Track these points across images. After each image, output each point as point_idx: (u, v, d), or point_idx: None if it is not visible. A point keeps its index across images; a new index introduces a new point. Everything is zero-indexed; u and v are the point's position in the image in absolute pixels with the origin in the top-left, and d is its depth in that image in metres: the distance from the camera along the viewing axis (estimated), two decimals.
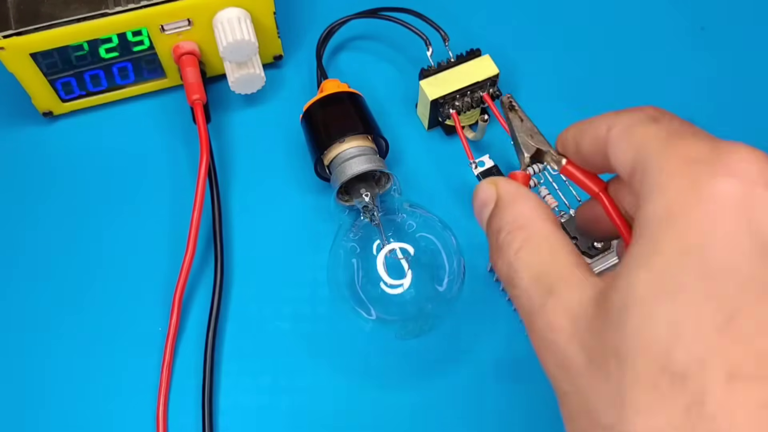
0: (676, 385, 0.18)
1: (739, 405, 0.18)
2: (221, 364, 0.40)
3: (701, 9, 0.50)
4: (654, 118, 0.22)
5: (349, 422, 0.38)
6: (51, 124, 0.47)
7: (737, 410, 0.18)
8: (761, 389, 0.18)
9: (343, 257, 0.39)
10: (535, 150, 0.29)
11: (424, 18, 0.44)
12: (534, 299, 0.23)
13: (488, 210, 0.26)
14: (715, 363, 0.18)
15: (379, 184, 0.42)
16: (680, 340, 0.18)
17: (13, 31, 0.40)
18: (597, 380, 0.20)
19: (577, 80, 0.48)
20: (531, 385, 0.39)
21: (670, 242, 0.19)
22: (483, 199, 0.27)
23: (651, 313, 0.19)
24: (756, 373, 0.18)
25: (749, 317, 0.18)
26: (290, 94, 0.47)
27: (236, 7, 0.42)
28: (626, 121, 0.23)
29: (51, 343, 0.40)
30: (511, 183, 0.26)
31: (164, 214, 0.44)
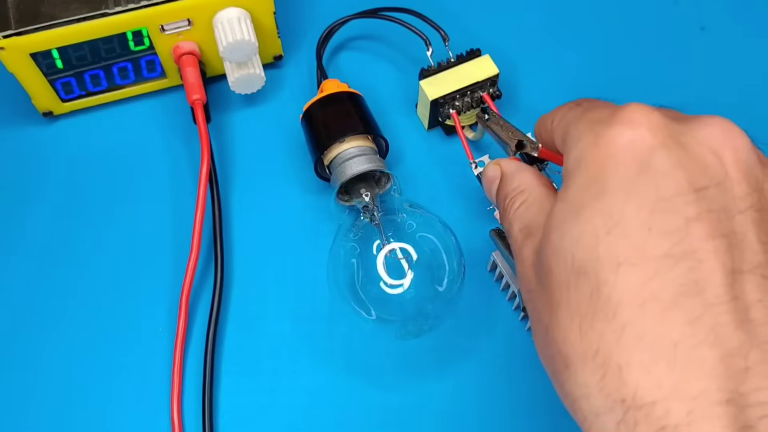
0: (581, 280, 0.23)
1: (626, 286, 0.22)
2: (221, 364, 0.40)
3: (701, 9, 0.50)
4: (577, 103, 0.29)
5: (348, 422, 0.38)
6: (51, 124, 0.47)
7: (624, 290, 0.22)
8: (641, 271, 0.22)
9: (343, 257, 0.39)
10: (516, 142, 0.36)
11: (424, 18, 0.44)
12: (518, 242, 0.29)
13: (496, 184, 0.32)
14: (606, 257, 0.23)
15: (379, 184, 0.42)
16: (581, 245, 0.24)
17: (13, 31, 0.40)
18: (540, 292, 0.26)
19: (577, 80, 0.48)
20: (531, 385, 0.39)
21: (576, 179, 0.25)
22: (491, 176, 0.33)
23: (563, 231, 0.25)
24: (636, 260, 0.22)
25: (631, 220, 0.23)
26: (290, 94, 0.47)
27: (236, 7, 0.42)
28: (561, 111, 0.29)
29: (51, 343, 0.40)
30: (512, 161, 0.33)
31: (164, 214, 0.44)
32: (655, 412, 0.21)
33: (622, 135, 0.24)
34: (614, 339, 0.22)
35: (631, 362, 0.22)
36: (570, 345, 0.23)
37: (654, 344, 0.22)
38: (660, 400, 0.21)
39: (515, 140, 0.36)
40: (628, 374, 0.22)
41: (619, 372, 0.22)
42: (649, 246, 0.22)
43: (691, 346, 0.21)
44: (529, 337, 0.40)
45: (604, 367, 0.22)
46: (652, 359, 0.22)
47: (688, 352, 0.21)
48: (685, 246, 0.22)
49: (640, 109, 0.25)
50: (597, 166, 0.24)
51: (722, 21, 0.50)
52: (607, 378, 0.22)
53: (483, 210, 0.42)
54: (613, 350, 0.22)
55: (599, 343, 0.23)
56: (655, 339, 0.22)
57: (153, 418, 0.38)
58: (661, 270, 0.22)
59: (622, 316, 0.22)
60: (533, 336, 0.27)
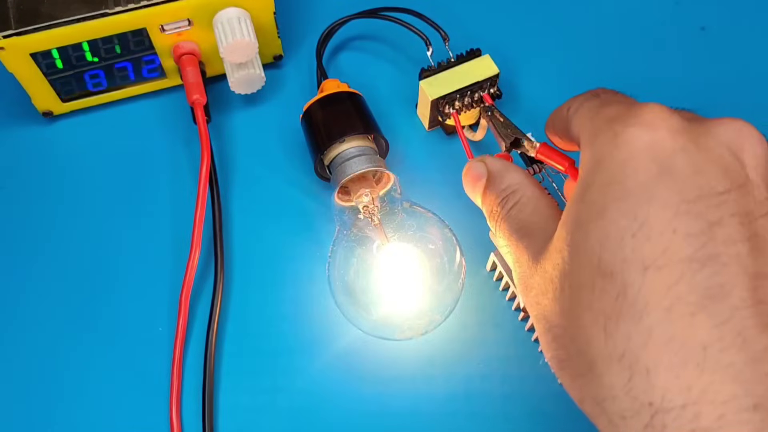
0: (606, 282, 0.23)
1: (652, 288, 0.22)
2: (221, 364, 0.40)
3: (701, 9, 0.50)
4: (595, 94, 0.28)
5: (348, 422, 0.38)
6: (51, 124, 0.47)
7: (650, 292, 0.22)
8: (667, 275, 0.22)
9: (343, 257, 0.39)
10: (513, 138, 0.37)
11: (424, 18, 0.44)
12: (515, 244, 0.29)
13: (481, 183, 0.32)
14: (632, 260, 0.23)
15: (379, 184, 0.42)
16: (606, 247, 0.23)
17: (13, 31, 0.40)
18: (554, 294, 0.25)
19: (577, 80, 0.48)
20: (532, 385, 0.39)
21: (596, 179, 0.25)
22: (475, 174, 0.32)
23: (586, 232, 0.24)
24: (662, 263, 0.22)
25: (655, 222, 0.23)
26: (290, 94, 0.47)
27: (236, 7, 0.42)
28: (578, 101, 0.29)
29: (50, 343, 0.40)
30: (497, 159, 0.32)
31: (164, 214, 0.44)
32: (684, 416, 0.21)
33: (642, 137, 0.24)
34: (641, 341, 0.22)
35: (659, 365, 0.22)
36: (594, 347, 0.23)
37: (682, 347, 0.22)
38: (690, 404, 0.21)
39: (512, 137, 0.37)
40: (656, 377, 0.22)
41: (647, 375, 0.22)
42: (674, 248, 0.22)
43: (719, 350, 0.21)
44: (529, 336, 0.40)
45: (631, 370, 0.22)
46: (680, 362, 0.21)
47: (716, 355, 0.21)
48: (709, 250, 0.22)
49: (660, 110, 0.25)
50: (617, 167, 0.24)
51: (722, 21, 0.50)
52: (634, 380, 0.22)
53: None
54: (641, 353, 0.22)
55: (626, 345, 0.22)
56: (684, 342, 0.22)
57: (153, 418, 0.38)
58: (687, 273, 0.22)
59: (650, 319, 0.22)
60: (541, 336, 0.27)
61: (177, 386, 0.39)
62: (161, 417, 0.38)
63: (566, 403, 0.38)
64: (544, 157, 0.34)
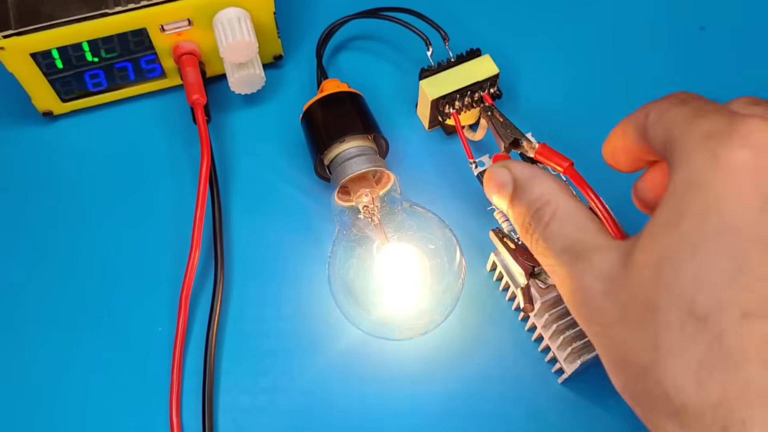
0: (699, 326, 0.22)
1: (750, 338, 0.21)
2: (221, 364, 0.40)
3: (701, 9, 0.50)
4: (683, 101, 0.25)
5: (348, 422, 0.38)
6: (51, 124, 0.47)
7: (749, 342, 0.21)
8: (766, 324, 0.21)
9: (343, 257, 0.39)
10: (512, 139, 0.36)
11: (424, 18, 0.44)
12: (566, 267, 0.26)
13: (507, 191, 0.29)
14: (730, 305, 0.21)
15: (379, 184, 0.42)
16: (701, 289, 0.22)
17: (13, 31, 0.40)
18: (631, 329, 0.24)
19: (576, 80, 0.48)
20: (531, 385, 0.39)
21: (692, 207, 0.22)
22: (500, 182, 0.29)
23: (677, 268, 0.22)
24: (763, 311, 0.21)
25: (756, 266, 0.21)
26: (290, 94, 0.47)
27: (236, 7, 0.42)
28: (660, 106, 0.26)
29: (49, 343, 0.40)
30: (525, 165, 0.29)
31: (164, 214, 0.44)
32: None
33: (746, 162, 0.22)
34: (737, 393, 0.21)
35: (755, 419, 0.21)
36: (684, 394, 0.22)
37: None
38: None
39: (511, 137, 0.36)
40: (751, 430, 0.21)
41: (743, 426, 0.21)
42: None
43: None
44: (529, 336, 0.40)
45: (726, 421, 0.21)
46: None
47: None
48: None
49: (763, 125, 0.22)
50: (716, 197, 0.22)
51: (722, 21, 0.50)
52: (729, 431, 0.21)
53: (483, 210, 0.41)
54: (736, 405, 0.21)
55: (721, 395, 0.21)
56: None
57: (153, 418, 0.38)
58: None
59: (747, 370, 0.21)
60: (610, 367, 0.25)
61: (177, 386, 0.39)
62: (161, 417, 0.38)
63: (566, 403, 0.39)
64: (543, 158, 0.33)
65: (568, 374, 0.37)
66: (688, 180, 0.23)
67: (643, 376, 0.23)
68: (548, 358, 0.39)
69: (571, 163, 0.32)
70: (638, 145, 0.27)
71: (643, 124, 0.27)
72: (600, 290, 0.25)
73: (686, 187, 0.23)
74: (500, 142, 0.38)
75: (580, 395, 0.39)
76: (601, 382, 0.31)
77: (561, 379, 0.38)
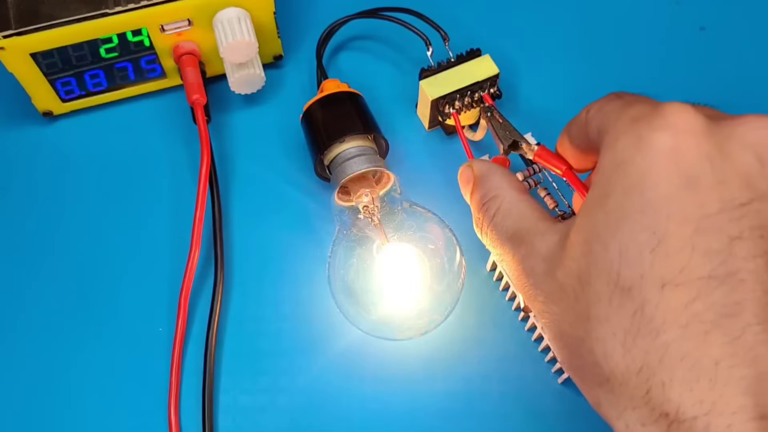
0: (624, 297, 0.23)
1: (669, 306, 0.23)
2: (221, 364, 0.40)
3: (701, 9, 0.50)
4: (618, 96, 0.28)
5: (348, 422, 0.38)
6: (51, 124, 0.47)
7: (668, 310, 0.23)
8: (684, 292, 0.23)
9: (343, 257, 0.39)
10: (511, 141, 0.37)
11: (424, 18, 0.44)
12: (511, 253, 0.29)
13: (469, 188, 0.32)
14: (650, 276, 0.23)
15: (379, 184, 0.42)
16: (625, 261, 0.23)
17: (13, 31, 0.40)
18: (568, 304, 0.25)
19: (576, 80, 0.48)
20: (531, 385, 0.39)
21: (617, 185, 0.24)
22: (464, 179, 0.33)
23: (605, 243, 0.24)
24: (680, 280, 0.23)
25: (674, 238, 0.23)
26: (290, 94, 0.47)
27: (236, 7, 0.42)
28: (599, 103, 0.28)
29: (49, 343, 0.40)
30: (483, 162, 0.33)
31: (164, 215, 0.44)
32: (696, 427, 0.22)
33: (666, 141, 0.24)
34: (657, 357, 0.23)
35: (673, 380, 0.22)
36: (612, 360, 0.24)
37: (696, 364, 0.22)
38: (701, 416, 0.22)
39: (510, 139, 0.37)
40: (671, 391, 0.22)
41: (663, 388, 0.23)
42: (692, 266, 0.23)
43: (731, 365, 0.22)
44: (529, 336, 0.40)
45: (649, 383, 0.23)
46: (694, 377, 0.22)
47: (727, 370, 0.22)
48: (728, 267, 0.23)
49: (684, 111, 0.24)
50: (639, 175, 0.24)
51: (722, 21, 0.50)
52: (651, 393, 0.23)
53: None
54: (657, 368, 0.23)
55: (643, 360, 0.23)
56: (697, 359, 0.22)
57: (152, 419, 0.38)
58: (704, 291, 0.22)
59: (666, 336, 0.23)
60: (552, 342, 0.27)
61: (176, 386, 0.39)
62: (161, 417, 0.38)
63: (565, 403, 0.39)
64: (541, 160, 0.33)
65: (568, 374, 0.37)
66: (614, 160, 0.24)
67: (578, 347, 0.25)
68: (548, 358, 0.39)
69: (568, 166, 0.32)
70: (580, 141, 0.29)
71: (584, 121, 0.28)
72: (541, 270, 0.27)
73: (612, 167, 0.24)
74: (499, 144, 0.38)
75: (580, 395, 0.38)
76: None
77: (561, 379, 0.38)
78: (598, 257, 0.24)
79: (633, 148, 0.24)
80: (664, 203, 0.23)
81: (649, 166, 0.24)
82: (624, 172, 0.24)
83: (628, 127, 0.25)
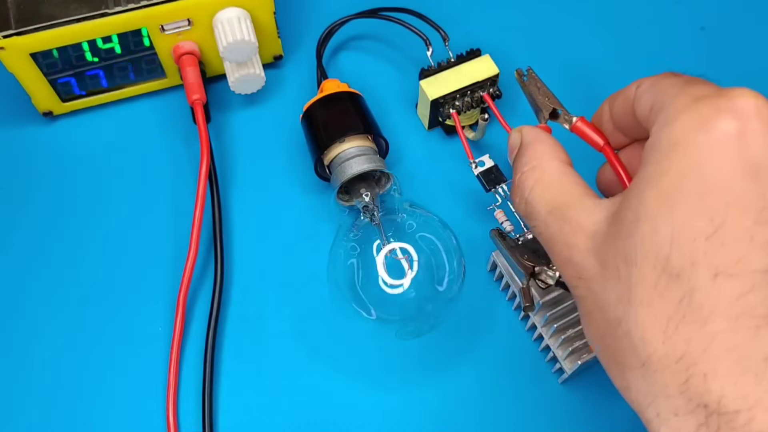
0: (672, 282, 0.22)
1: (721, 297, 0.22)
2: (221, 364, 0.40)
3: (701, 9, 0.50)
4: (675, 75, 0.26)
5: (349, 422, 0.38)
6: (51, 124, 0.47)
7: (718, 300, 0.22)
8: (738, 284, 0.22)
9: (343, 257, 0.39)
10: (551, 110, 0.34)
11: (424, 18, 0.44)
12: (551, 227, 0.27)
13: (514, 154, 0.30)
14: (703, 264, 0.22)
15: (379, 184, 0.42)
16: (677, 246, 0.22)
17: (13, 31, 0.40)
18: (608, 282, 0.24)
19: (577, 80, 0.48)
20: (531, 385, 0.39)
21: (674, 165, 0.23)
22: (511, 145, 0.31)
23: (656, 225, 0.23)
24: (735, 271, 0.22)
25: (732, 228, 0.22)
26: (290, 94, 0.47)
27: (236, 7, 0.42)
28: (653, 78, 0.26)
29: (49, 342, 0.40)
30: (533, 129, 0.31)
31: (164, 214, 0.44)
32: (738, 420, 0.21)
33: (731, 125, 0.22)
34: (701, 347, 0.22)
35: (717, 372, 0.22)
36: (650, 345, 0.23)
37: (743, 358, 0.22)
38: (744, 410, 0.21)
39: (551, 108, 0.34)
40: (713, 382, 0.22)
41: (704, 379, 0.22)
42: (749, 258, 0.22)
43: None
44: (530, 336, 0.40)
45: (689, 373, 0.22)
46: (740, 371, 0.22)
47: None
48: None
49: (753, 96, 0.23)
50: (699, 157, 0.23)
51: (722, 21, 0.50)
52: (690, 382, 0.22)
53: (483, 210, 0.42)
54: (700, 358, 0.22)
55: (685, 349, 0.22)
56: (746, 353, 0.22)
57: (152, 419, 0.38)
58: (759, 285, 0.22)
59: (713, 327, 0.22)
60: (587, 318, 0.26)
61: (174, 386, 0.39)
62: (160, 417, 0.38)
63: (566, 403, 0.39)
64: (580, 132, 0.32)
65: (568, 374, 0.37)
66: (673, 138, 0.23)
67: (614, 328, 0.24)
68: (548, 358, 0.39)
69: (607, 141, 0.31)
70: (623, 116, 0.29)
71: (631, 95, 0.27)
72: (585, 247, 0.26)
73: (670, 146, 0.23)
74: (538, 113, 0.35)
75: (580, 395, 0.39)
76: (601, 382, 0.31)
77: (561, 379, 0.38)
78: (646, 239, 0.23)
79: (695, 128, 0.23)
80: (725, 190, 0.22)
81: (712, 149, 0.22)
82: (683, 152, 0.23)
83: (690, 105, 0.23)
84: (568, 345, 0.36)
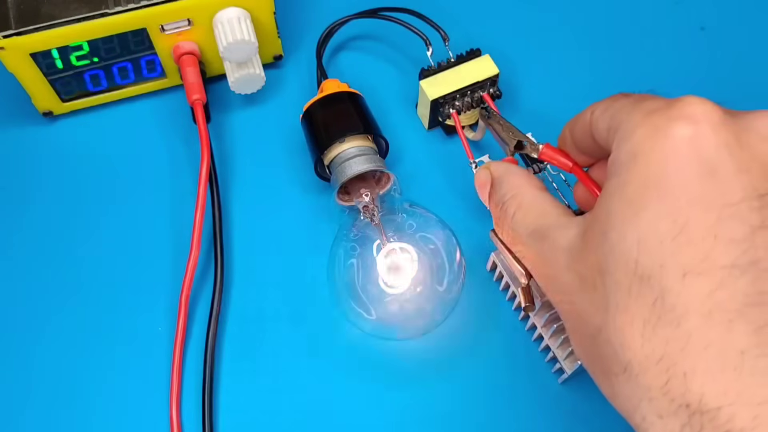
0: (644, 285, 0.23)
1: (691, 295, 0.22)
2: (221, 364, 0.40)
3: (701, 9, 0.50)
4: (626, 95, 0.28)
5: (349, 422, 0.38)
6: (51, 124, 0.47)
7: (690, 299, 0.22)
8: (707, 281, 0.22)
9: (343, 257, 0.39)
10: (516, 142, 0.36)
11: (424, 18, 0.44)
12: (532, 247, 0.29)
13: (487, 189, 0.32)
14: (672, 265, 0.23)
15: (379, 184, 0.42)
16: (644, 250, 0.23)
17: (13, 31, 0.40)
18: (587, 293, 0.25)
19: (576, 80, 0.48)
20: (531, 385, 0.39)
21: (635, 175, 0.24)
22: (482, 181, 0.33)
23: (623, 232, 0.24)
24: (702, 269, 0.22)
25: (696, 227, 0.23)
26: (290, 94, 0.48)
27: (236, 7, 0.42)
28: (606, 102, 0.28)
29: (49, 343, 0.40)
30: (501, 163, 0.33)
31: (164, 215, 0.44)
32: (720, 417, 0.21)
33: (684, 130, 0.23)
34: (679, 347, 0.22)
35: (696, 370, 0.22)
36: (630, 350, 0.23)
37: (720, 353, 0.22)
38: (725, 406, 0.21)
39: (515, 140, 0.36)
40: (692, 381, 0.22)
41: (684, 378, 0.22)
42: (715, 255, 0.22)
43: (756, 355, 0.22)
44: (530, 336, 0.40)
45: (669, 373, 0.22)
46: (718, 367, 0.22)
47: (753, 360, 0.22)
48: (751, 255, 0.22)
49: (700, 102, 0.24)
50: (657, 163, 0.24)
51: (722, 21, 0.50)
52: (671, 383, 0.22)
53: (483, 210, 0.41)
54: (678, 358, 0.22)
55: (664, 349, 0.23)
56: (722, 348, 0.22)
57: (152, 419, 0.38)
58: (727, 280, 0.22)
59: (688, 325, 0.22)
60: (571, 333, 0.27)
61: (177, 386, 0.39)
62: (161, 417, 0.38)
63: (566, 403, 0.39)
64: (547, 158, 0.33)
65: (568, 374, 0.37)
66: (632, 151, 0.24)
67: (596, 337, 0.25)
68: (548, 358, 0.39)
69: (575, 162, 0.32)
70: (583, 141, 0.30)
71: (588, 120, 0.29)
72: (563, 263, 0.27)
73: (630, 158, 0.24)
74: (504, 146, 0.37)
75: (580, 395, 0.39)
76: None
77: (561, 379, 0.38)
78: (615, 247, 0.24)
79: (651, 138, 0.24)
80: (685, 191, 0.23)
81: (668, 154, 0.23)
82: (643, 162, 0.24)
83: (644, 119, 0.25)
84: (568, 345, 0.36)
